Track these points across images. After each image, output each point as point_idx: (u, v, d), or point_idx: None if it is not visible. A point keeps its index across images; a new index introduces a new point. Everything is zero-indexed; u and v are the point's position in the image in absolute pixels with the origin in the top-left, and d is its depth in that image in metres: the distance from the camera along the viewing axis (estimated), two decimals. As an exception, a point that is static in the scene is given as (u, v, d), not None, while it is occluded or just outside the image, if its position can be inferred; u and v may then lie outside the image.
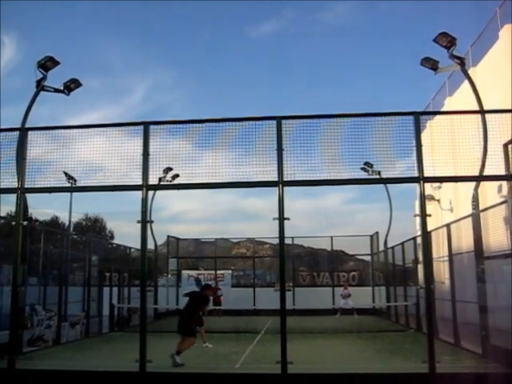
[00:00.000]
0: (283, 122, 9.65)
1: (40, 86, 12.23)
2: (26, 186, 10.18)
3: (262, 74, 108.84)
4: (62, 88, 12.93)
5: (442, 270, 15.11)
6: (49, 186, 10.27)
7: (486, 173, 9.89)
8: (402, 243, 20.60)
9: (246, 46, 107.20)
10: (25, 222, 10.37)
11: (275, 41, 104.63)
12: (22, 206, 10.19)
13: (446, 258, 14.37)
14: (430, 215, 9.46)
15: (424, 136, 9.52)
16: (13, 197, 10.15)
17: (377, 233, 27.30)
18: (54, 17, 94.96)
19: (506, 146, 10.24)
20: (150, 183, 9.87)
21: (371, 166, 11.63)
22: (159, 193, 16.02)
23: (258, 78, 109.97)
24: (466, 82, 13.22)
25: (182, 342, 11.28)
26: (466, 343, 12.59)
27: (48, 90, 12.60)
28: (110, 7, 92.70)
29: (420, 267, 15.38)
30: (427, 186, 9.93)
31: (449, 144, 9.61)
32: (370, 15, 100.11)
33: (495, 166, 9.70)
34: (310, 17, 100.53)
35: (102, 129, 10.37)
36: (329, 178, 9.56)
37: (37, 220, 40.12)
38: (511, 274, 10.01)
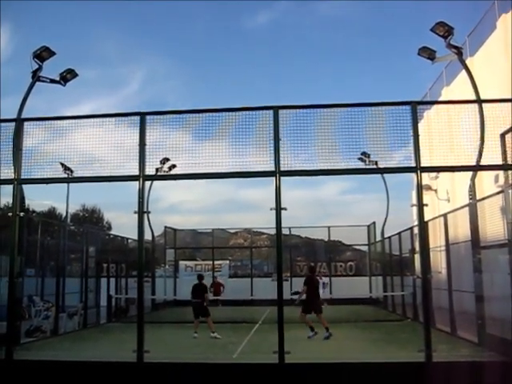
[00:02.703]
0: (280, 111, 9.62)
1: (36, 77, 12.12)
2: (22, 177, 10.16)
3: (259, 65, 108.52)
4: (57, 78, 12.82)
5: (438, 260, 15.14)
6: (45, 176, 10.26)
7: (483, 163, 9.88)
8: (399, 233, 20.65)
9: (243, 36, 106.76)
10: (21, 213, 10.36)
11: (271, 31, 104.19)
12: (19, 197, 10.18)
13: (443, 248, 14.41)
14: (426, 205, 9.47)
15: (421, 126, 9.52)
16: (9, 188, 10.15)
17: (374, 223, 27.34)
18: (49, 7, 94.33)
19: (503, 135, 10.24)
20: (147, 174, 9.86)
21: (368, 156, 11.64)
22: (156, 183, 16.05)
23: (255, 69, 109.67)
24: (464, 72, 13.18)
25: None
26: (463, 332, 12.65)
27: (44, 81, 12.50)
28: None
29: (417, 257, 15.43)
30: (424, 175, 9.93)
31: (446, 134, 9.60)
32: (365, 5, 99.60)
33: (492, 155, 9.69)
34: (304, 7, 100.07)
35: (98, 119, 10.33)
36: (326, 167, 9.55)
37: (34, 211, 40.10)
38: (508, 263, 10.04)
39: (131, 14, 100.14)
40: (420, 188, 9.42)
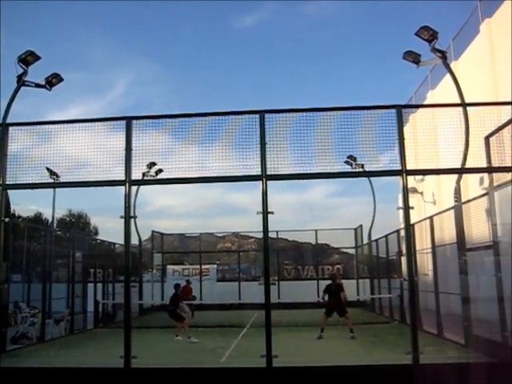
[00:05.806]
0: (266, 115, 9.64)
1: (21, 81, 12.04)
2: (7, 183, 10.06)
3: (247, 67, 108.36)
4: (43, 83, 12.74)
5: (425, 262, 15.24)
6: (31, 182, 10.17)
7: (468, 165, 9.98)
8: (386, 236, 20.75)
9: (230, 38, 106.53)
10: (7, 219, 10.25)
11: (259, 33, 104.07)
12: (4, 202, 10.07)
13: (429, 250, 14.50)
14: (412, 208, 9.54)
15: (406, 129, 9.58)
16: (-6, 193, 10.04)
17: (361, 226, 27.46)
18: (34, 11, 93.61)
19: (487, 138, 10.33)
20: (134, 178, 9.82)
21: (355, 159, 11.68)
22: (143, 188, 15.99)
23: (243, 71, 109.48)
24: (448, 76, 13.30)
25: None
26: (449, 334, 12.74)
27: (29, 85, 12.41)
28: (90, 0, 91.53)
29: (403, 259, 15.49)
30: (410, 178, 9.99)
31: (431, 137, 9.67)
32: (352, 8, 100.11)
33: (477, 158, 9.78)
34: (291, 8, 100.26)
35: (84, 124, 10.28)
36: (312, 171, 9.58)
37: (20, 216, 39.74)
38: (493, 265, 10.13)
39: (117, 17, 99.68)
40: (406, 191, 9.47)
